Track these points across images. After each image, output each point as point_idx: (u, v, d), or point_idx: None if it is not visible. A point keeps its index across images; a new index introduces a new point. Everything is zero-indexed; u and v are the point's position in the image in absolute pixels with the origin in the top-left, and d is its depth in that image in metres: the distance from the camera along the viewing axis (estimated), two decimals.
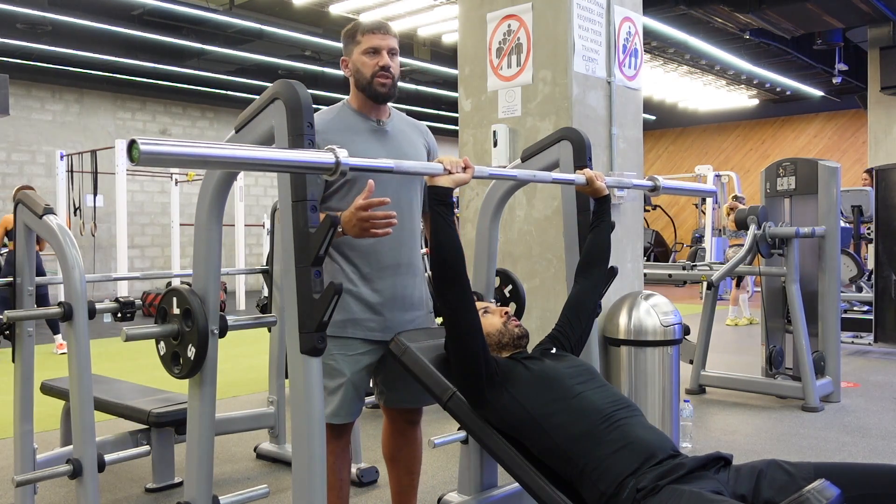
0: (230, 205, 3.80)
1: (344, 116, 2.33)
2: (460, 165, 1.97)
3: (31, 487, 2.72)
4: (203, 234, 1.97)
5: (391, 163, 1.76)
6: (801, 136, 15.99)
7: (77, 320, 2.29)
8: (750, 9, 8.42)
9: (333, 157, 1.55)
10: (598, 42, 3.86)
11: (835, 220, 4.89)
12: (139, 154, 1.27)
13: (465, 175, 1.97)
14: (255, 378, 5.65)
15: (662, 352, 2.81)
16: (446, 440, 2.76)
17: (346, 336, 2.26)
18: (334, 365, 2.26)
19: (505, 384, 2.06)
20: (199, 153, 1.42)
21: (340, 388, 2.26)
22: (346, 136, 2.26)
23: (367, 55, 2.29)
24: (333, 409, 2.26)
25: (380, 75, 2.27)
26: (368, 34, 2.30)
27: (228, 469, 3.65)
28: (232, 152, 1.48)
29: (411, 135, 2.43)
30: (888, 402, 4.84)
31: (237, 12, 9.36)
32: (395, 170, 1.78)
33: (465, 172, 1.98)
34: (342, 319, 2.25)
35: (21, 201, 2.49)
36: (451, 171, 1.95)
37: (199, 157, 1.43)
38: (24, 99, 11.91)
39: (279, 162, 1.56)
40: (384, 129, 2.34)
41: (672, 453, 1.88)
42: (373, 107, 2.33)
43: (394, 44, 2.31)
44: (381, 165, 1.77)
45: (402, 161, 1.84)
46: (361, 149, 2.24)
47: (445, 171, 1.94)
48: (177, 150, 1.36)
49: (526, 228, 3.87)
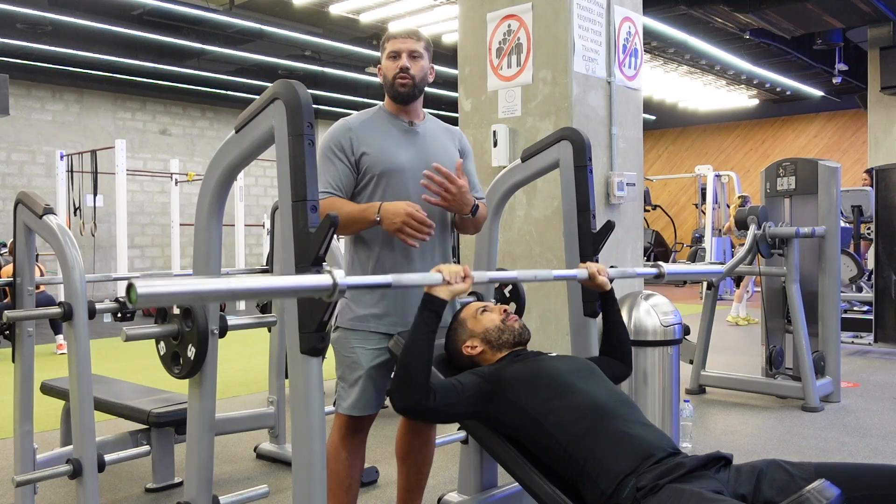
0: (230, 205, 3.80)
1: (377, 117, 2.40)
2: (459, 276, 1.95)
3: (31, 487, 2.72)
4: (203, 234, 1.97)
5: (389, 278, 1.76)
6: (801, 136, 15.99)
7: (77, 320, 2.29)
8: (750, 9, 8.42)
9: (331, 280, 1.52)
10: (598, 42, 3.86)
11: (835, 220, 4.89)
12: (137, 297, 1.26)
13: (463, 286, 1.96)
14: (255, 378, 5.65)
15: (662, 352, 2.80)
16: (446, 440, 2.76)
17: (368, 329, 2.30)
18: (354, 358, 2.30)
19: (500, 392, 2.05)
20: (197, 290, 1.40)
21: (359, 381, 2.29)
22: (375, 135, 2.34)
23: (390, 59, 2.38)
24: (352, 402, 2.30)
25: (399, 77, 2.34)
26: (392, 40, 2.39)
27: (228, 469, 3.65)
28: (229, 285, 1.44)
29: (443, 138, 2.48)
30: (888, 402, 4.84)
31: (237, 12, 9.35)
32: (394, 285, 1.77)
33: (464, 282, 1.96)
34: (364, 314, 2.30)
35: (21, 201, 2.50)
36: (450, 282, 1.93)
37: (197, 293, 1.40)
38: (24, 99, 11.91)
39: (277, 289, 1.55)
40: (415, 130, 2.41)
41: (672, 451, 1.88)
42: (402, 109, 2.40)
43: (415, 46, 2.36)
44: (380, 283, 1.77)
45: (401, 276, 1.84)
46: (389, 147, 2.33)
47: (444, 281, 1.92)
48: (174, 290, 1.33)
49: (526, 228, 3.87)
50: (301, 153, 1.64)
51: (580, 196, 2.49)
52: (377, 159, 2.30)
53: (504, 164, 3.72)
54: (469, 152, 2.56)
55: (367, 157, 2.30)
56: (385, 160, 2.31)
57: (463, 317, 2.30)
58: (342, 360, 2.33)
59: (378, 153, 2.31)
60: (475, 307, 2.33)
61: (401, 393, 1.97)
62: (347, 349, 2.31)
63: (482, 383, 2.07)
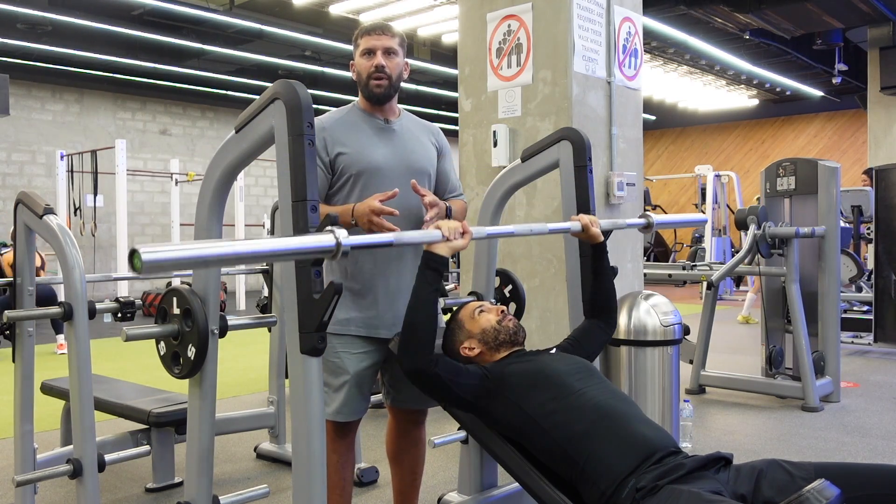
0: (230, 205, 3.80)
1: (351, 116, 2.36)
2: (458, 231, 1.95)
3: (32, 487, 2.72)
4: (203, 234, 1.97)
5: (391, 237, 1.76)
6: (801, 136, 15.99)
7: (77, 320, 2.29)
8: (750, 9, 8.41)
9: (334, 240, 1.53)
10: (598, 42, 3.86)
11: (835, 220, 4.89)
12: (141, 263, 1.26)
13: (462, 241, 1.96)
14: (255, 378, 5.65)
15: (662, 352, 2.80)
16: (446, 440, 2.76)
17: (350, 333, 2.27)
18: (338, 362, 2.27)
19: (501, 391, 2.05)
20: (203, 254, 1.41)
21: (344, 386, 2.27)
22: (350, 134, 2.29)
23: (364, 57, 2.32)
24: (337, 407, 2.27)
25: (374, 76, 2.30)
26: (365, 36, 2.33)
27: (228, 469, 3.65)
28: (233, 248, 1.44)
29: (420, 134, 2.44)
30: (888, 402, 4.84)
31: (237, 12, 9.35)
32: (395, 243, 1.78)
33: (463, 238, 1.96)
34: (346, 317, 2.27)
35: (21, 201, 2.50)
36: (448, 238, 1.93)
37: (202, 258, 1.41)
38: (24, 99, 11.91)
39: (281, 251, 1.55)
40: (391, 127, 2.37)
41: (672, 450, 1.88)
42: (377, 107, 2.35)
43: (390, 43, 2.31)
44: (382, 241, 1.77)
45: (402, 234, 1.84)
46: (365, 146, 2.29)
47: (444, 238, 1.93)
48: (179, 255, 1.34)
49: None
50: (301, 153, 1.64)
51: (580, 196, 2.49)
52: (353, 159, 2.27)
53: (504, 164, 3.72)
54: (446, 150, 2.53)
55: (344, 157, 2.26)
56: (362, 160, 2.27)
57: (460, 318, 2.30)
58: (326, 365, 2.27)
59: (354, 153, 2.27)
60: (472, 308, 2.32)
61: (409, 355, 1.99)
62: (331, 353, 2.26)
63: (485, 377, 2.08)
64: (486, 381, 2.07)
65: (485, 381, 2.06)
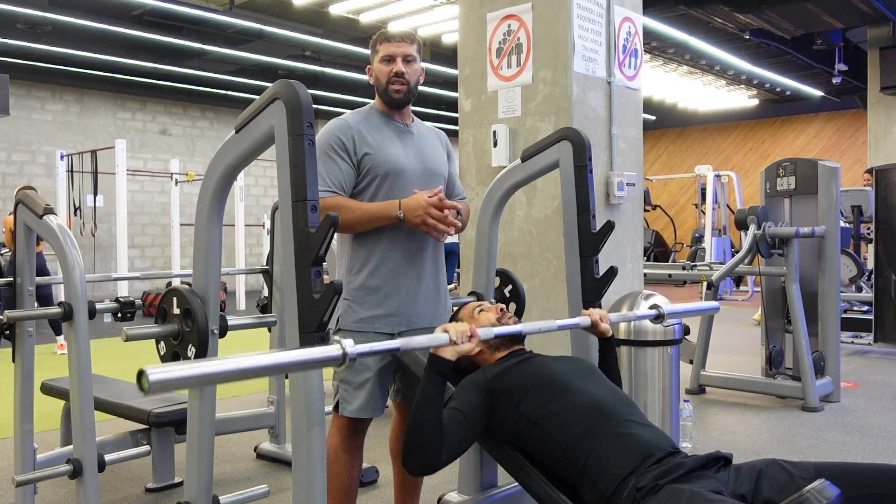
0: (230, 205, 3.80)
1: (374, 118, 2.40)
2: (466, 335, 1.93)
3: (32, 487, 2.72)
4: (203, 234, 1.97)
5: (398, 343, 1.73)
6: (800, 136, 15.99)
7: (77, 320, 2.29)
8: (750, 9, 8.41)
9: (340, 350, 1.50)
10: (598, 42, 3.86)
11: (835, 220, 4.89)
12: (149, 385, 1.23)
13: (468, 345, 1.94)
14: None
15: (662, 352, 2.80)
16: None
17: (374, 331, 2.29)
18: (361, 360, 2.28)
19: (499, 402, 2.04)
20: (209, 372, 1.37)
21: (367, 384, 2.28)
22: (375, 136, 2.33)
23: (384, 63, 2.36)
24: (361, 404, 2.28)
25: (394, 82, 2.34)
26: (385, 42, 2.37)
27: (228, 469, 3.65)
28: (238, 365, 1.39)
29: (432, 139, 2.51)
30: (888, 402, 4.84)
31: (237, 12, 9.35)
32: (402, 348, 1.75)
33: (471, 342, 1.94)
34: (369, 315, 2.29)
35: (21, 201, 2.49)
36: (456, 342, 1.91)
37: (209, 375, 1.38)
38: (24, 99, 11.91)
39: (289, 364, 1.52)
40: (410, 131, 2.42)
41: (671, 450, 1.88)
42: (396, 111, 2.40)
43: (409, 50, 2.36)
44: (388, 348, 1.73)
45: (409, 339, 1.81)
46: (389, 147, 2.34)
47: (451, 341, 1.90)
48: (187, 374, 1.31)
49: (526, 228, 3.87)
50: (301, 153, 1.64)
51: (580, 196, 2.49)
52: (379, 160, 2.30)
53: (504, 164, 3.72)
54: (452, 154, 2.60)
55: (370, 158, 2.30)
56: (388, 161, 2.31)
57: (460, 317, 2.30)
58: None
59: (380, 154, 2.31)
60: (472, 307, 2.32)
61: (414, 457, 1.93)
62: None
63: (481, 402, 2.04)
64: (482, 405, 2.04)
65: (482, 406, 2.04)
